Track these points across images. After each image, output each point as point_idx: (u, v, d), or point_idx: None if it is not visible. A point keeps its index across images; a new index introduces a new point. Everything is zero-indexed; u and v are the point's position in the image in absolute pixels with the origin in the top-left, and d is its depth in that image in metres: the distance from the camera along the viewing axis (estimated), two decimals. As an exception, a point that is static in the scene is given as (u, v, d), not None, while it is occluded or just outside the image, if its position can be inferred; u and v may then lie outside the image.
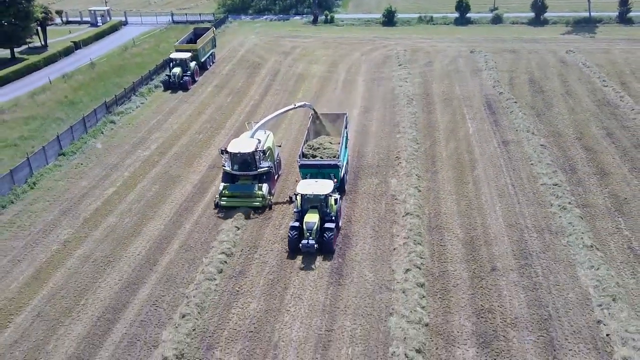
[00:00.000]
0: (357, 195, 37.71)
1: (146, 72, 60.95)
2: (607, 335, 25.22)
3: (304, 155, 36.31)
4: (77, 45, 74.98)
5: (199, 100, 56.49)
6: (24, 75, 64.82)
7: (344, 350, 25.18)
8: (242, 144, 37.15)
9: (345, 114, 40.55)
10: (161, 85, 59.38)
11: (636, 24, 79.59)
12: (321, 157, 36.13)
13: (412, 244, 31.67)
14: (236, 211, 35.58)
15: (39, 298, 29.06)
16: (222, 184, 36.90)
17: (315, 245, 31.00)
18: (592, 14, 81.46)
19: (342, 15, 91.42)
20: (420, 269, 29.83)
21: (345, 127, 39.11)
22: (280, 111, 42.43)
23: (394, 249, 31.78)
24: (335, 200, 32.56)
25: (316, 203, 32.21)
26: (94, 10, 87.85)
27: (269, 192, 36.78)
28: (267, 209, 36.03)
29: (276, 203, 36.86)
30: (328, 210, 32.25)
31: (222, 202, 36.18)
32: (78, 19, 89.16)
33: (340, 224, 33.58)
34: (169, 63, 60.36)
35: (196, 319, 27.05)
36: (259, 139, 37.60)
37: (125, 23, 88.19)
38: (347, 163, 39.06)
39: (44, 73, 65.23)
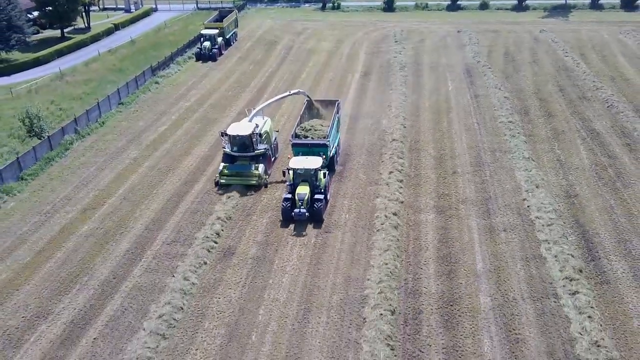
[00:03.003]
0: (355, 130, 48.45)
1: (180, 46, 71.99)
2: (528, 206, 35.88)
3: (296, 136, 39.45)
4: (116, 27, 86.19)
5: (226, 68, 67.52)
6: (75, 50, 75.94)
7: (342, 216, 35.99)
8: (241, 128, 40.26)
9: (338, 100, 44.03)
10: (194, 56, 70.53)
11: (605, 10, 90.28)
12: (312, 138, 39.28)
13: (396, 158, 42.44)
14: None
15: (122, 190, 40.04)
16: (222, 164, 39.95)
17: (306, 214, 34.60)
18: (567, 0, 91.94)
19: (348, 3, 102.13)
20: (400, 172, 40.57)
21: (337, 112, 42.06)
22: (275, 98, 45.27)
23: (382, 161, 42.52)
24: (324, 174, 36.05)
25: (306, 177, 35.69)
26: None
27: (265, 172, 40.03)
28: (263, 187, 39.42)
29: (272, 182, 40.35)
30: (317, 184, 35.69)
31: (221, 181, 39.26)
32: (113, 5, 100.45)
33: (328, 198, 37.20)
34: (200, 38, 71.47)
35: (238, 199, 37.97)
36: (257, 124, 40.61)
37: (155, 9, 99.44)
38: (338, 146, 42.80)
39: (91, 48, 76.36)
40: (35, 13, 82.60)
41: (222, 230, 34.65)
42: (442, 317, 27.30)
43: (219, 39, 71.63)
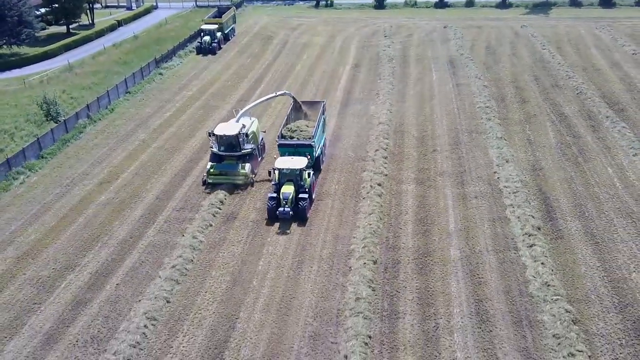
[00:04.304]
0: (345, 115, 52.78)
1: (181, 40, 76.19)
2: (497, 178, 40.28)
3: (282, 136, 40.21)
4: (119, 23, 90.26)
5: (225, 61, 71.78)
6: (81, 44, 79.84)
7: (332, 187, 40.32)
8: (227, 128, 41.25)
9: (323, 102, 45.46)
10: (194, 50, 74.77)
11: (584, 7, 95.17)
12: (298, 138, 40.19)
13: (382, 139, 46.79)
14: None
15: (133, 166, 44.24)
16: (210, 163, 40.88)
17: (291, 213, 35.51)
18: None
19: (340, 0, 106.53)
20: (385, 150, 44.93)
21: (322, 114, 42.89)
22: (261, 99, 46.26)
23: (369, 141, 46.83)
24: (309, 174, 37.27)
25: (292, 177, 36.57)
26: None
27: (252, 171, 41.04)
28: (250, 186, 40.45)
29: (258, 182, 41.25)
30: (302, 183, 36.65)
31: (209, 180, 40.29)
32: (115, 3, 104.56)
33: (313, 197, 38.16)
34: (200, 33, 75.72)
35: (239, 173, 42.26)
36: (243, 124, 41.52)
37: (155, 7, 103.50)
38: (324, 146, 43.68)
39: (96, 43, 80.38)
40: (43, 10, 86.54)
41: (225, 199, 38.92)
42: (417, 266, 31.65)
43: (218, 34, 75.89)
